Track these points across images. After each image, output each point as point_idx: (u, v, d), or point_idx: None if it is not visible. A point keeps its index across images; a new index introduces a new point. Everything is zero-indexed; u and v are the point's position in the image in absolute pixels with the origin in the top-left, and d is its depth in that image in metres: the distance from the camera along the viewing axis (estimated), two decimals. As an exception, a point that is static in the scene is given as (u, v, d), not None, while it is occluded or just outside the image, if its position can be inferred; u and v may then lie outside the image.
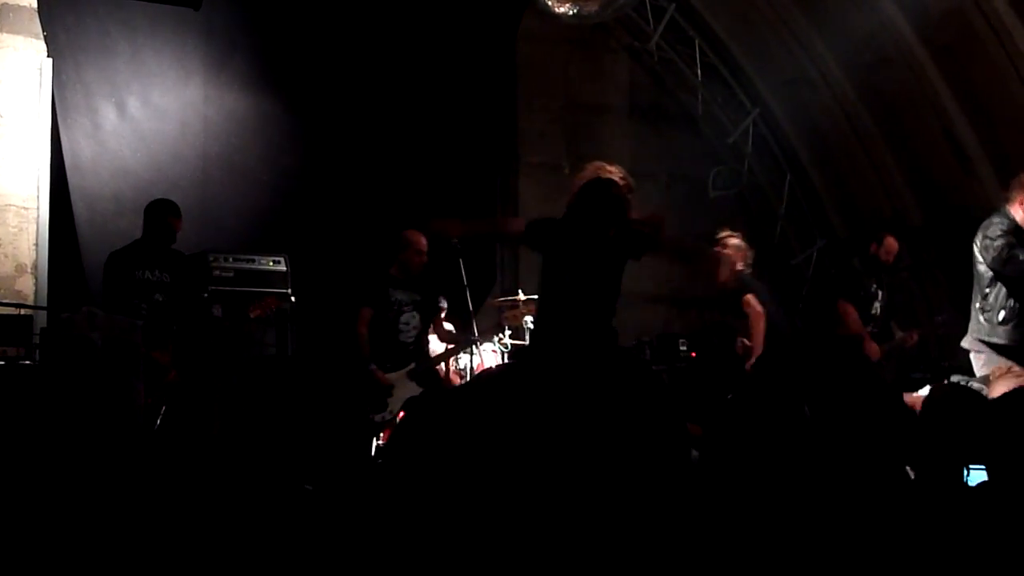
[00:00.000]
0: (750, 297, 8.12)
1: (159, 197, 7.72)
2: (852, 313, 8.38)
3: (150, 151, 8.83)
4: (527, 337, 8.97)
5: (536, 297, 6.12)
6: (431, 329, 8.29)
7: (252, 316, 7.55)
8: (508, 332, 8.99)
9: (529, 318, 8.90)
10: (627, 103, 11.78)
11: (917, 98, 10.24)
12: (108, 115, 8.71)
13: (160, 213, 7.47)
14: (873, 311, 8.59)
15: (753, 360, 7.95)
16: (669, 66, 11.54)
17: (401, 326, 7.93)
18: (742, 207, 12.07)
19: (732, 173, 11.65)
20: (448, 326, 8.67)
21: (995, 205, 10.07)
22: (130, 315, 6.77)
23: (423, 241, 7.95)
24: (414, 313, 7.98)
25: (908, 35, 9.84)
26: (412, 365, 7.88)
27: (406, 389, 7.66)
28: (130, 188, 8.58)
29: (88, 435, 4.73)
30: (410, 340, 7.97)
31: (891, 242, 8.64)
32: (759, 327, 8.05)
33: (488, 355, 8.75)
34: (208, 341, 7.40)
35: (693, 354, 10.44)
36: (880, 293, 8.62)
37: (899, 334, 8.73)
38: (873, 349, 8.35)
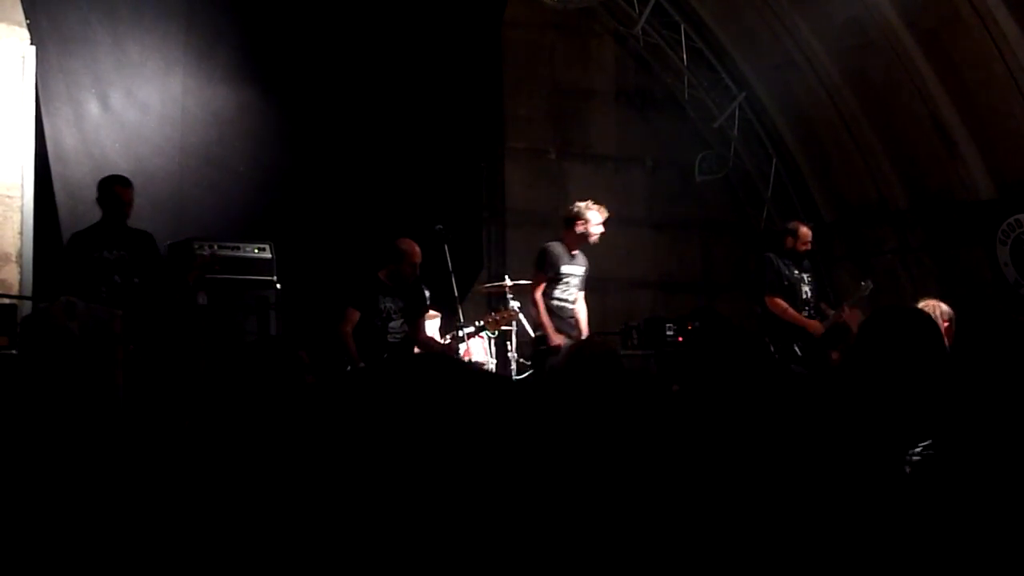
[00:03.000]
0: None
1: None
2: (780, 304, 8.69)
3: (130, 141, 8.80)
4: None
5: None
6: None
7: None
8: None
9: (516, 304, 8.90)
10: (613, 88, 11.78)
11: (902, 81, 10.26)
12: (90, 104, 8.68)
13: (106, 186, 7.47)
14: (804, 296, 8.84)
15: None
16: (655, 51, 11.54)
17: (389, 330, 7.94)
18: (728, 191, 12.10)
19: (718, 157, 11.67)
20: (431, 330, 8.66)
21: (980, 187, 10.18)
22: (90, 298, 6.77)
23: (417, 251, 7.92)
24: (401, 320, 7.98)
25: (893, 19, 9.85)
26: None
27: None
28: (111, 177, 8.58)
29: (66, 425, 4.74)
30: (396, 340, 7.97)
31: (804, 232, 8.96)
32: None
33: (476, 343, 8.77)
34: (189, 328, 7.39)
35: (680, 339, 10.48)
36: (805, 276, 8.88)
37: (830, 312, 8.94)
38: (814, 325, 8.69)
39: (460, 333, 8.32)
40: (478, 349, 8.85)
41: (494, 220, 11.07)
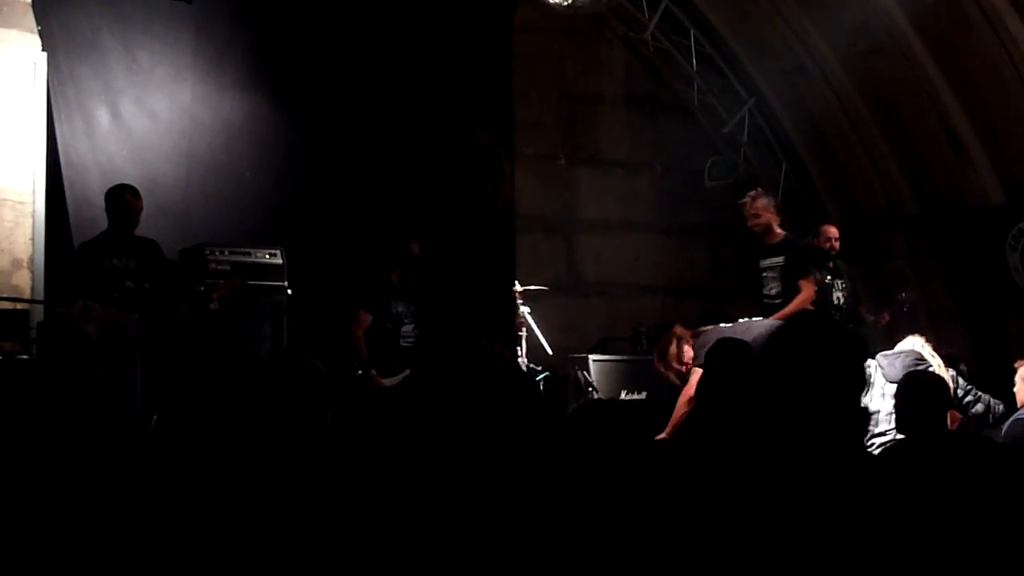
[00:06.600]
0: None
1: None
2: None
3: (139, 148, 8.81)
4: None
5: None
6: None
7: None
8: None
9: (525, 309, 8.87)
10: (623, 93, 11.78)
11: (912, 86, 10.24)
12: (99, 111, 8.69)
13: (116, 195, 7.50)
14: (835, 301, 8.68)
15: None
16: (665, 56, 11.53)
17: (402, 334, 7.93)
18: (738, 197, 12.04)
19: (728, 163, 11.65)
20: None
21: (990, 192, 10.16)
22: (104, 303, 6.76)
23: None
24: (414, 325, 7.96)
25: (902, 23, 9.84)
26: (407, 372, 7.84)
27: None
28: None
29: (85, 429, 4.74)
30: (409, 345, 7.96)
31: (826, 229, 8.80)
32: None
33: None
34: (202, 333, 7.40)
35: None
36: (838, 282, 8.70)
37: (870, 318, 8.82)
38: None
39: None
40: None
41: (504, 225, 11.06)
